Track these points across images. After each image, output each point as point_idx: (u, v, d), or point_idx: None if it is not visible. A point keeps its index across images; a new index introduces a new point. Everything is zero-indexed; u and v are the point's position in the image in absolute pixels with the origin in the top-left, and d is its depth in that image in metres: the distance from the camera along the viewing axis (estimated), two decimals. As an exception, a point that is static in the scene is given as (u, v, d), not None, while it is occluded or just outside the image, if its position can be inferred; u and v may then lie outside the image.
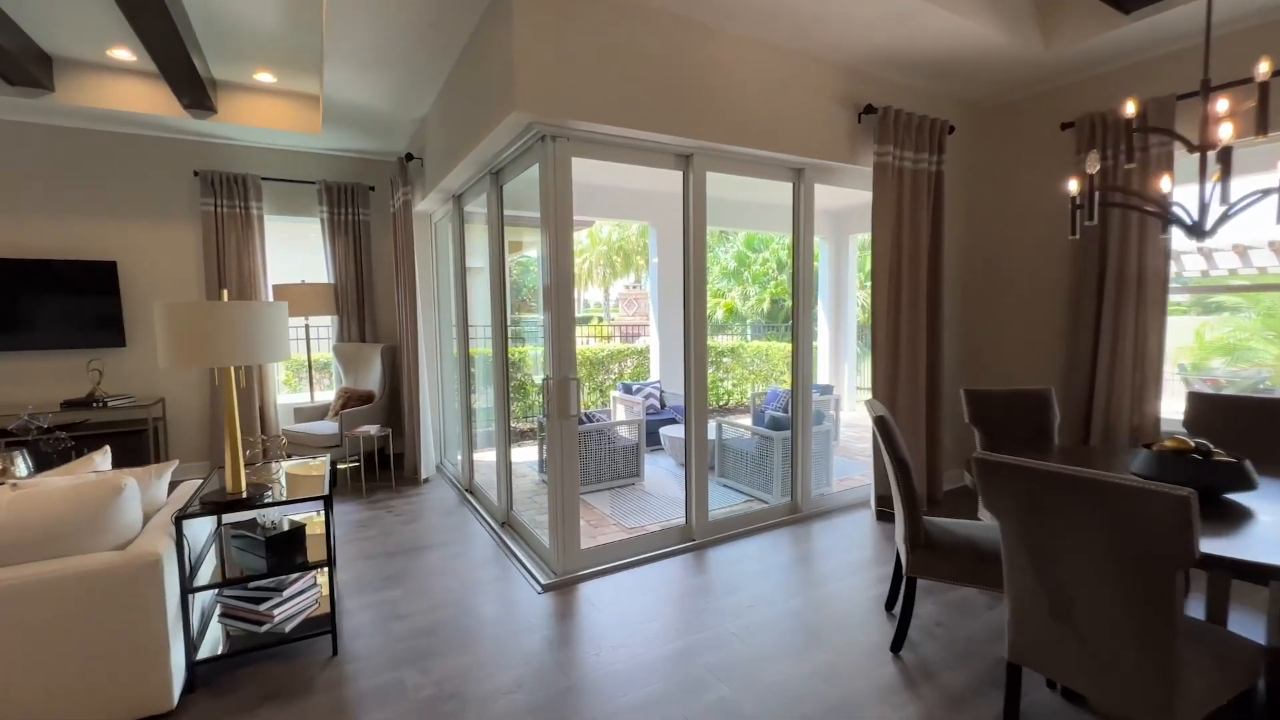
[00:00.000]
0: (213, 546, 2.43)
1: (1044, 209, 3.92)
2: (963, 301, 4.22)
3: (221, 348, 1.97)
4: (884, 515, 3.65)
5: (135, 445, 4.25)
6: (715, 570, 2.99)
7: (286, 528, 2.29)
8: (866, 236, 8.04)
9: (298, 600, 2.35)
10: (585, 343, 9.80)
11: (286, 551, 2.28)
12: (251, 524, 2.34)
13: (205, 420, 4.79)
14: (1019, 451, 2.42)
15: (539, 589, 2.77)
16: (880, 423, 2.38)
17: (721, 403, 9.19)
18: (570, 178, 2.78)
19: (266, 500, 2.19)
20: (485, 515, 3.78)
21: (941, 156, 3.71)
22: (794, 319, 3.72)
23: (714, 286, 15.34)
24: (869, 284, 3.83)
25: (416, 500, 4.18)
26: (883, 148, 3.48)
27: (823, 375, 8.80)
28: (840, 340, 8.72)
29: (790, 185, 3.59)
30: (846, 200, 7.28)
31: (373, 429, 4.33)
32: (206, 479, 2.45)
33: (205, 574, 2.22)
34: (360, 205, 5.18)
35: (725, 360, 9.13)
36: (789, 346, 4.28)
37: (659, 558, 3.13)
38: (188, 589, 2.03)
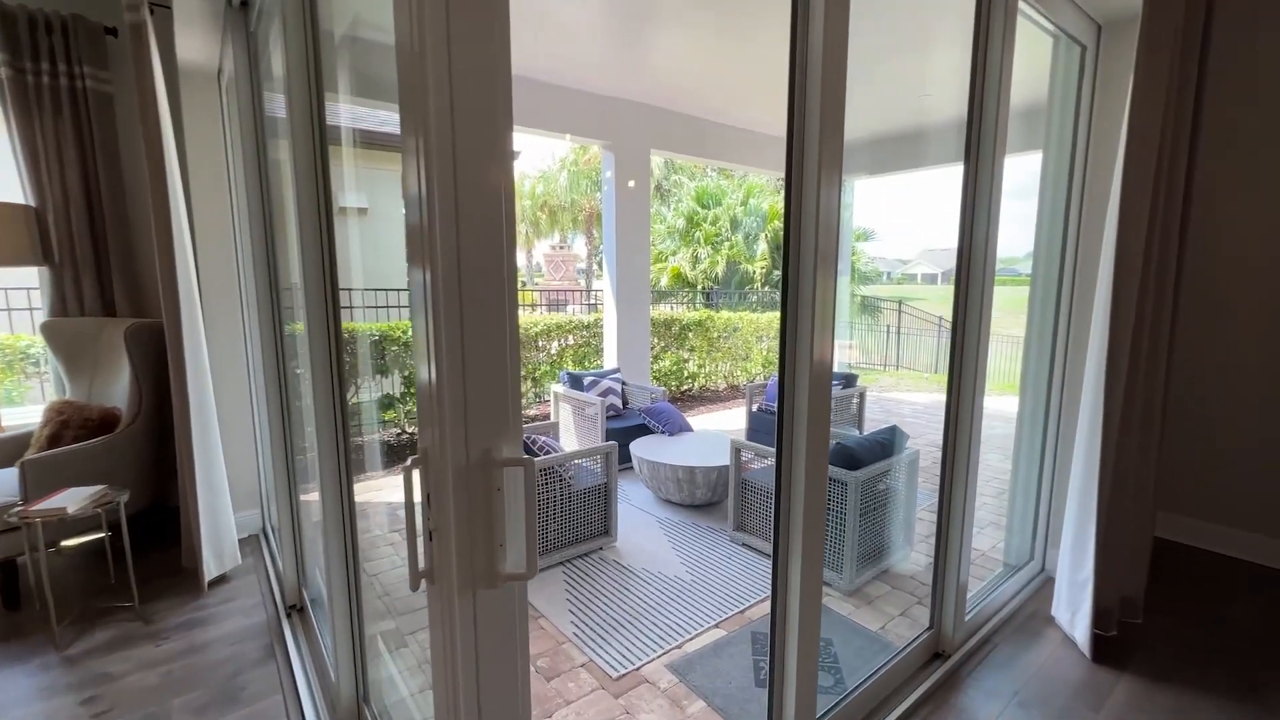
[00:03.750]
0: None
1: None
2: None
3: None
4: (1104, 645, 1.96)
5: None
6: None
7: None
8: (875, 181, 6.39)
9: None
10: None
11: None
12: None
13: None
14: None
15: None
16: None
17: (684, 389, 7.41)
18: None
19: None
20: (318, 702, 1.74)
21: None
22: (960, 274, 1.86)
23: (656, 248, 13.41)
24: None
25: (174, 645, 2.04)
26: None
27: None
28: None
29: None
30: (851, 131, 5.52)
31: (73, 503, 2.08)
32: None
33: None
34: (88, 61, 2.76)
35: (690, 337, 7.30)
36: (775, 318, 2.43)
37: None
38: None
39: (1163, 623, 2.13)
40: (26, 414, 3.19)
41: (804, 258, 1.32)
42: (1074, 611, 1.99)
